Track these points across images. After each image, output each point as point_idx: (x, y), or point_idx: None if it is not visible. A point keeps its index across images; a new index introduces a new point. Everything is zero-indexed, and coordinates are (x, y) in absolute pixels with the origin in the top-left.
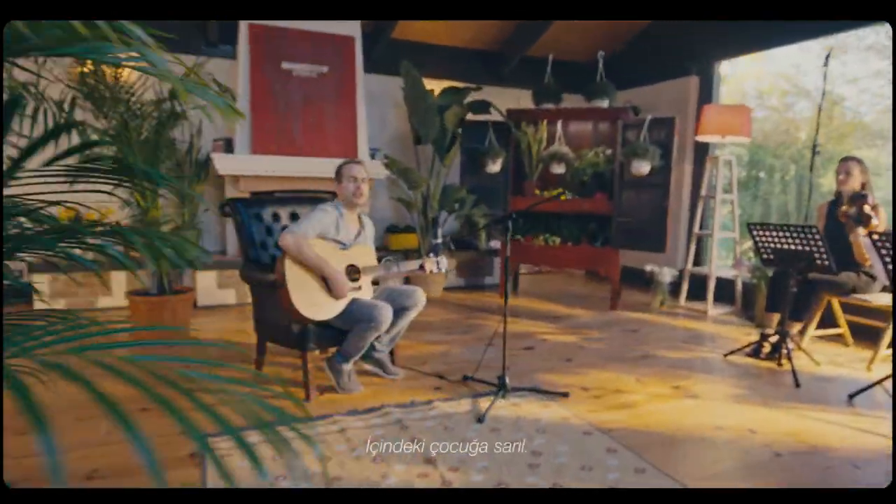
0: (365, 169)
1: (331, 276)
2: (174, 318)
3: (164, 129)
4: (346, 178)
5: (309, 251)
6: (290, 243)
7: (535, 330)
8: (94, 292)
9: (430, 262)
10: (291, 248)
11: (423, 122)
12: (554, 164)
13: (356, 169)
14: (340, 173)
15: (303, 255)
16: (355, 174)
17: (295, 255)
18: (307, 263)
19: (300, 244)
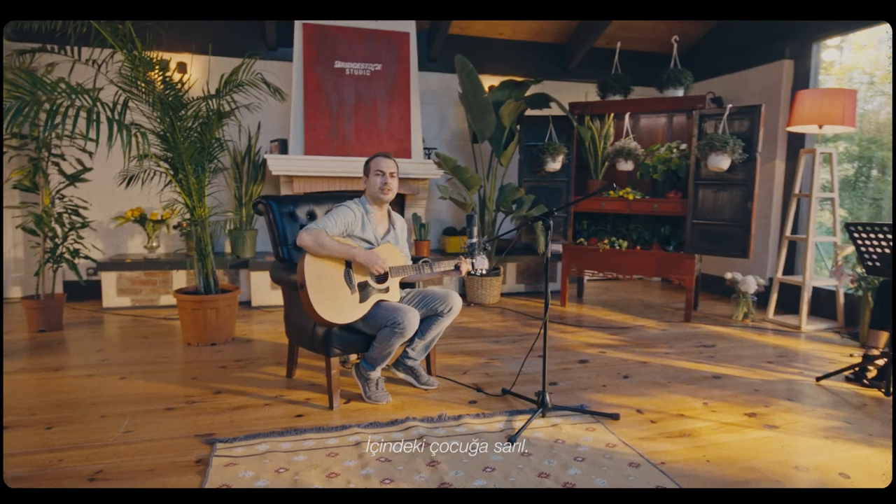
0: (394, 162)
1: (360, 255)
2: (217, 317)
3: (209, 128)
4: (373, 173)
5: (330, 241)
6: (308, 239)
7: (593, 341)
8: (156, 290)
9: (466, 263)
10: (309, 243)
11: (479, 118)
12: (621, 161)
13: (383, 162)
14: (367, 167)
15: (324, 247)
16: (382, 168)
17: (315, 249)
18: (331, 254)
19: (319, 237)
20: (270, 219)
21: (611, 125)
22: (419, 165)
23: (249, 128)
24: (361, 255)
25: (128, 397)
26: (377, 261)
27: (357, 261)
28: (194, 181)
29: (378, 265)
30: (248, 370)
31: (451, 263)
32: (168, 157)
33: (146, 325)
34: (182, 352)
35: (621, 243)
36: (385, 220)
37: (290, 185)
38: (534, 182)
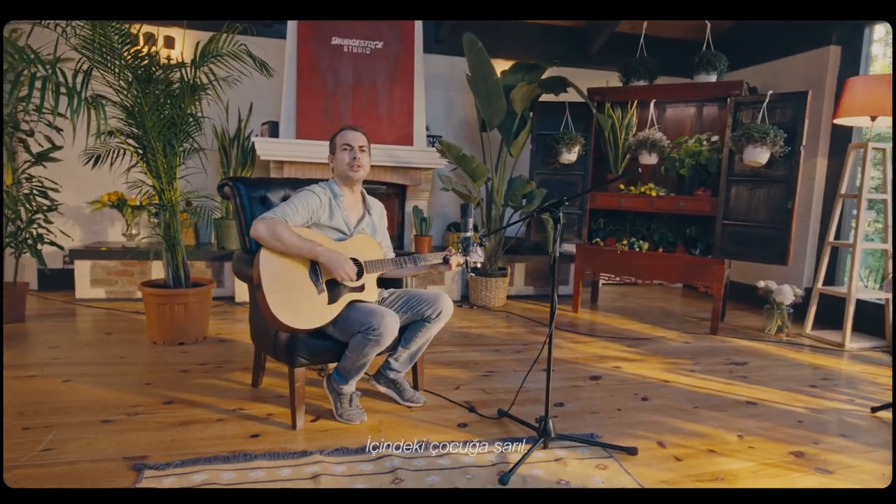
0: (364, 136)
1: (323, 256)
2: (186, 314)
3: (180, 101)
4: (339, 148)
5: (288, 234)
6: (264, 231)
7: (608, 353)
8: (133, 282)
9: (457, 256)
10: (265, 236)
11: (488, 102)
12: (644, 154)
13: (351, 135)
14: (333, 143)
15: (282, 240)
16: (350, 141)
17: (272, 243)
18: (289, 250)
19: (275, 228)
20: (237, 203)
21: (634, 114)
22: (421, 154)
23: (240, 109)
24: (325, 255)
25: (64, 405)
26: (343, 265)
27: (320, 261)
28: (163, 160)
29: (343, 271)
30: (211, 376)
31: (438, 256)
32: (135, 134)
33: (114, 320)
34: (144, 352)
35: (641, 245)
36: (359, 204)
37: (280, 171)
38: (546, 175)
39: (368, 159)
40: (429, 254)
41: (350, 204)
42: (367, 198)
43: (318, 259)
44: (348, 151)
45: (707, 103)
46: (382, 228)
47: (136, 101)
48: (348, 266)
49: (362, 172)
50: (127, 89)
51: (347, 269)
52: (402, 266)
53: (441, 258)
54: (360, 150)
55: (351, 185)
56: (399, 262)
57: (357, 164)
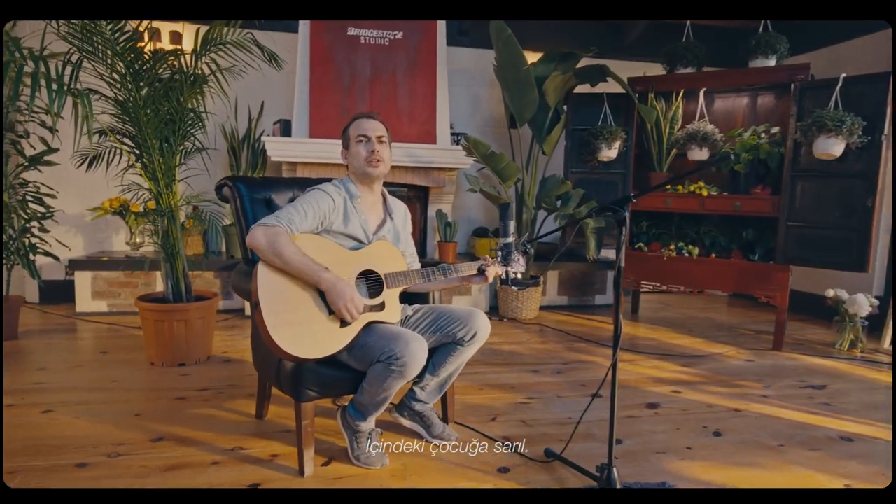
0: (382, 125)
1: (326, 283)
2: (187, 331)
3: (178, 94)
4: (354, 140)
5: (290, 250)
6: (262, 241)
7: (661, 374)
8: (137, 294)
9: (495, 266)
10: (263, 246)
11: (518, 95)
12: (693, 148)
13: (366, 124)
14: (346, 134)
15: (281, 256)
16: (366, 131)
17: (270, 258)
18: (289, 269)
19: (277, 240)
20: (237, 206)
21: (679, 105)
22: (445, 153)
23: (251, 108)
24: (327, 283)
25: (37, 443)
26: (347, 301)
27: (322, 289)
28: (160, 160)
29: (346, 307)
30: (210, 404)
31: (473, 266)
32: (130, 133)
33: (113, 337)
34: (140, 375)
35: (691, 250)
36: (379, 206)
37: (293, 173)
38: (583, 174)
39: (389, 151)
40: (462, 264)
41: (369, 206)
42: (388, 198)
43: (320, 286)
44: (364, 143)
45: (762, 92)
46: (406, 234)
47: (130, 95)
48: (353, 303)
49: (383, 167)
50: (120, 82)
51: (350, 307)
52: (431, 279)
53: (476, 269)
54: (378, 140)
55: (370, 184)
56: (427, 275)
57: (376, 159)
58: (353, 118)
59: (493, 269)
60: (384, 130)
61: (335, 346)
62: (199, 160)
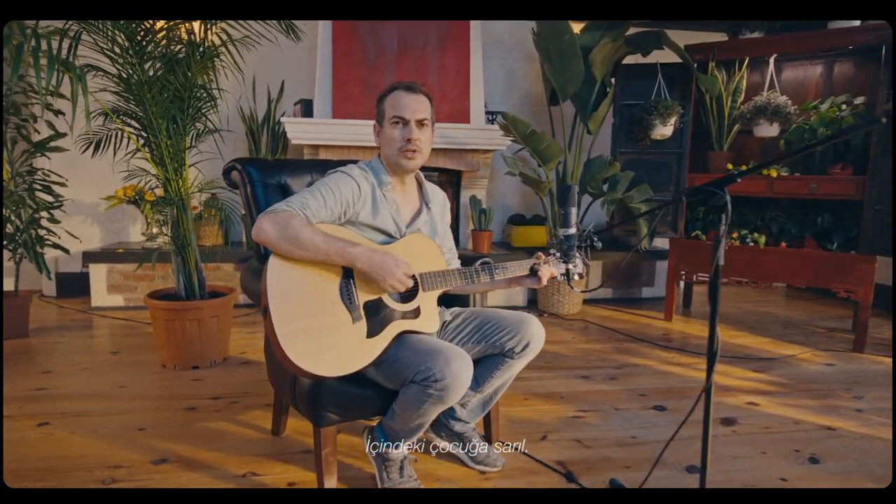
0: (427, 99)
1: (362, 258)
2: (200, 331)
3: (184, 68)
4: (388, 120)
5: (308, 232)
6: (270, 229)
7: (732, 383)
8: (154, 287)
9: (551, 265)
10: (272, 236)
11: (560, 67)
12: (761, 123)
13: (405, 99)
14: (380, 108)
15: (298, 241)
16: (402, 110)
17: (283, 246)
18: (309, 255)
19: (289, 224)
20: (247, 193)
21: (744, 76)
22: (480, 133)
23: (270, 87)
24: (364, 258)
25: (24, 465)
26: (393, 269)
27: (356, 268)
28: (168, 143)
29: (395, 278)
30: (223, 416)
31: (524, 265)
32: (135, 113)
33: (127, 335)
34: (150, 380)
35: (758, 238)
36: (413, 194)
37: (315, 156)
38: (632, 154)
39: (430, 137)
40: (510, 262)
41: (401, 194)
42: (425, 185)
43: (355, 264)
44: (400, 127)
45: (839, 59)
46: (445, 227)
47: (133, 70)
48: (400, 270)
49: (419, 159)
50: (122, 56)
51: (399, 275)
52: (474, 281)
53: (527, 268)
54: (418, 125)
55: (401, 174)
56: (469, 276)
57: (412, 149)
58: (390, 88)
59: (549, 269)
60: (428, 110)
61: (360, 362)
62: (211, 144)
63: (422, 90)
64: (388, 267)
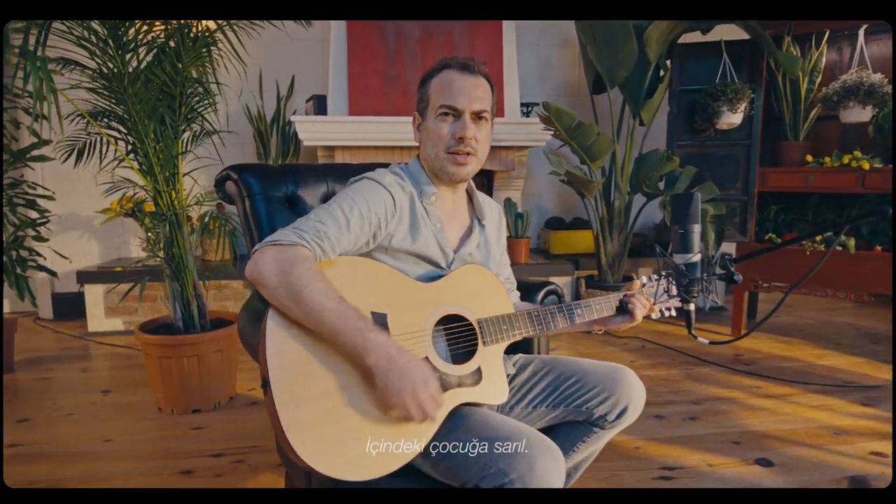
0: (487, 82)
1: (371, 356)
2: (201, 368)
3: (171, 59)
4: (435, 111)
5: (311, 285)
6: (270, 271)
7: (839, 422)
8: (156, 309)
9: (643, 297)
10: (271, 282)
11: (608, 49)
12: (851, 107)
13: (460, 82)
14: (424, 93)
15: (299, 297)
16: (455, 100)
17: (281, 299)
18: (306, 320)
19: (291, 270)
20: (246, 209)
21: (823, 52)
22: (517, 129)
23: (279, 85)
24: (382, 359)
25: None
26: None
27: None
28: (157, 148)
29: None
30: (226, 481)
31: (610, 301)
32: (117, 114)
33: (124, 367)
34: (142, 429)
35: (848, 242)
36: (463, 207)
37: (330, 157)
38: (693, 147)
39: (489, 135)
40: (595, 299)
41: (449, 208)
42: (475, 195)
43: (365, 361)
44: (450, 121)
45: None
46: (501, 249)
47: (112, 61)
48: (426, 392)
49: (473, 166)
50: (98, 46)
51: (424, 400)
52: (547, 327)
53: (615, 303)
54: (474, 118)
55: (452, 183)
56: (542, 321)
57: (464, 150)
58: (438, 65)
59: (645, 302)
60: (489, 98)
61: (400, 459)
62: (210, 148)
63: (482, 70)
64: (410, 385)
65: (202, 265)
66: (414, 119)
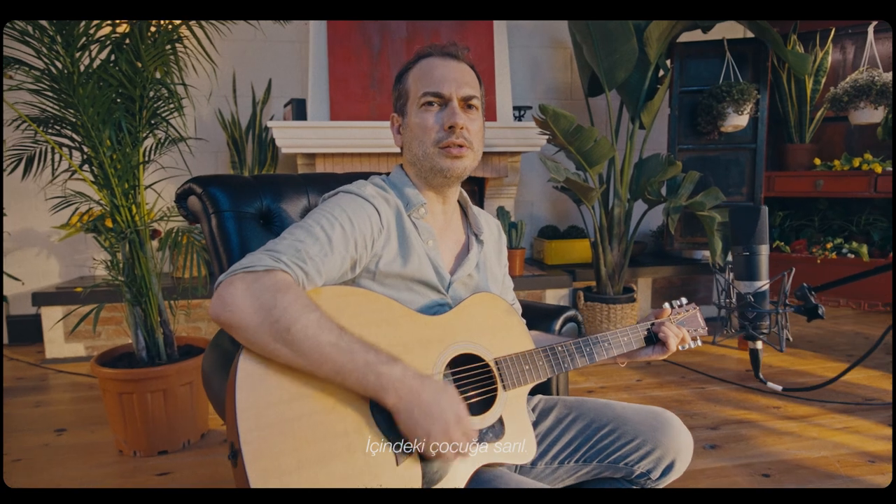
0: (471, 69)
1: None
2: (169, 404)
3: (128, 56)
4: (416, 102)
5: (305, 320)
6: (245, 304)
7: (866, 445)
8: (121, 332)
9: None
10: (247, 317)
11: (606, 49)
12: (863, 107)
13: (441, 69)
14: (402, 87)
15: (289, 335)
16: (440, 83)
17: (263, 340)
18: (302, 362)
19: (276, 300)
20: (212, 228)
21: (828, 51)
22: (511, 133)
23: (254, 87)
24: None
25: None
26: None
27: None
28: (115, 158)
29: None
30: None
31: (638, 332)
32: (69, 120)
33: (83, 399)
34: (99, 478)
35: (857, 248)
36: (456, 222)
37: (311, 166)
38: (695, 151)
39: (481, 128)
40: (620, 330)
41: (441, 222)
42: (470, 207)
43: (384, 398)
44: (436, 111)
45: None
46: (503, 270)
47: (61, 59)
48: (460, 426)
49: (469, 160)
50: (42, 42)
51: (457, 435)
52: (565, 366)
53: (642, 333)
54: (463, 105)
55: (443, 187)
56: (560, 361)
57: (458, 142)
58: (416, 56)
59: (677, 333)
60: (476, 85)
61: None
62: (178, 157)
63: (465, 57)
64: (441, 424)
65: (173, 283)
66: (392, 122)
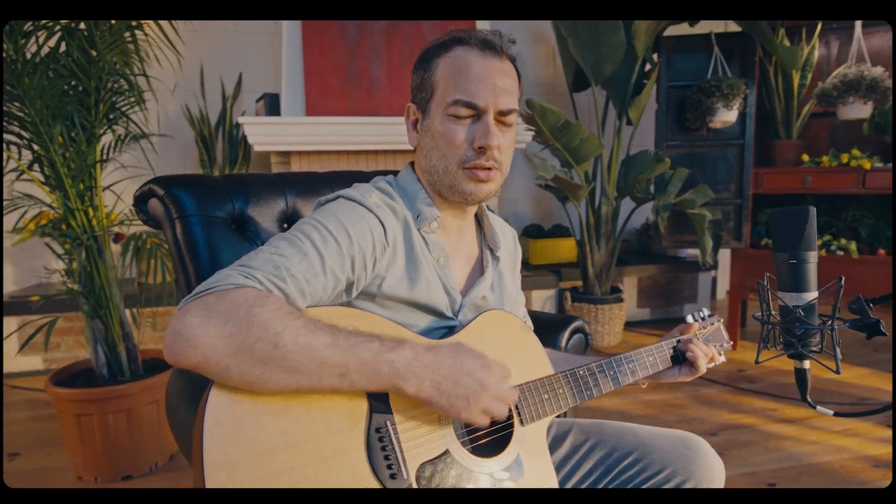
0: (515, 69)
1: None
2: (132, 425)
3: (81, 42)
4: (446, 105)
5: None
6: (209, 332)
7: (868, 449)
8: (82, 343)
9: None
10: (215, 346)
11: (593, 43)
12: (852, 102)
13: (479, 66)
14: (428, 78)
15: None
16: (477, 92)
17: (240, 369)
18: (297, 378)
19: (252, 316)
20: (177, 235)
21: (815, 46)
22: None
23: (224, 81)
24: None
25: None
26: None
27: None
28: (68, 157)
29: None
30: None
31: (664, 350)
32: (15, 114)
33: (40, 419)
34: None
35: (847, 245)
36: (471, 235)
37: (285, 165)
38: (682, 147)
39: (513, 141)
40: (644, 349)
41: (454, 238)
42: (486, 217)
43: (403, 387)
44: (468, 124)
45: None
46: (516, 286)
47: (3, 46)
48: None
49: (495, 184)
50: None
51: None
52: (589, 394)
53: (668, 351)
54: (500, 120)
55: (461, 205)
56: (583, 386)
57: (485, 166)
58: (450, 39)
59: (706, 352)
60: (515, 90)
61: None
62: (139, 155)
63: (509, 51)
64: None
65: (137, 289)
66: (408, 113)
